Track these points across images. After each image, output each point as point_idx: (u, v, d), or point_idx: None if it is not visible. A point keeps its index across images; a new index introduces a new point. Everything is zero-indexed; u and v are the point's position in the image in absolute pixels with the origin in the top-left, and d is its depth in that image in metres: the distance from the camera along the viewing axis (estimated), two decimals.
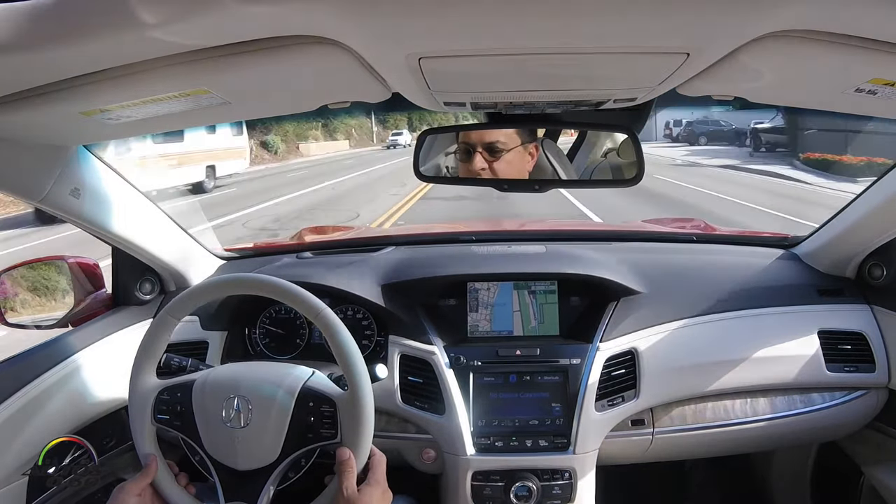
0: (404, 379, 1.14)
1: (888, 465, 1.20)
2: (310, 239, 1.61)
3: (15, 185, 0.82)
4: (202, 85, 0.60)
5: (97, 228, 1.00)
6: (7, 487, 0.90)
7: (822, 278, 1.26)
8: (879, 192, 1.08)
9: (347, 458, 0.78)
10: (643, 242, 1.41)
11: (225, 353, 1.20)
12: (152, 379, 0.84)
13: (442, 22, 0.46)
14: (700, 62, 0.57)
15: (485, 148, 1.02)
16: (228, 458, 0.80)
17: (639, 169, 0.94)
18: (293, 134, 25.00)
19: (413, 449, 1.14)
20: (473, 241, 1.41)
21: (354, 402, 0.78)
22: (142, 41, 0.48)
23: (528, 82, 0.66)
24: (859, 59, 0.52)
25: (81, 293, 1.20)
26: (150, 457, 0.81)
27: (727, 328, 1.17)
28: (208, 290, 0.88)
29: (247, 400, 0.80)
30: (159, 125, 0.77)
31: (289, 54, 0.54)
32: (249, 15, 0.46)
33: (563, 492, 1.07)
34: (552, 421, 1.11)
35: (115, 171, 1.01)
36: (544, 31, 0.48)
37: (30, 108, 0.61)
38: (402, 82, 0.65)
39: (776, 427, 1.15)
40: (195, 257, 1.28)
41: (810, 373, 1.14)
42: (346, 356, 0.79)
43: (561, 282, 1.23)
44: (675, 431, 1.15)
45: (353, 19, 0.46)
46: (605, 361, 1.12)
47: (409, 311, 1.20)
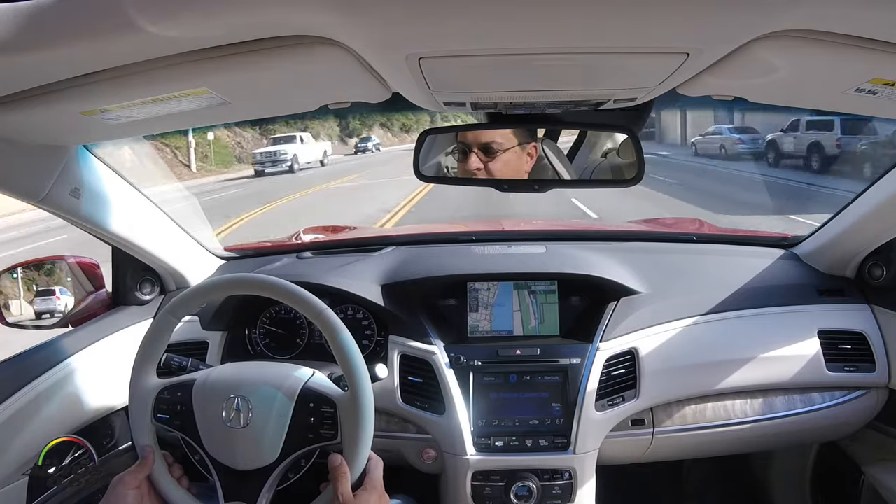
0: (404, 379, 1.14)
1: (888, 465, 1.20)
2: (310, 239, 1.61)
3: (15, 185, 0.82)
4: (202, 85, 0.60)
5: (97, 228, 1.00)
6: (7, 487, 0.90)
7: (823, 278, 1.26)
8: (879, 192, 1.08)
9: (339, 464, 0.77)
10: (643, 242, 1.41)
11: (225, 353, 1.20)
12: (152, 379, 0.84)
13: (442, 22, 0.46)
14: (700, 62, 0.57)
15: (480, 148, 1.02)
16: (228, 459, 0.80)
17: (639, 169, 0.94)
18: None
19: (413, 449, 1.14)
20: (473, 241, 1.41)
21: (355, 403, 0.78)
22: (142, 41, 0.48)
23: (528, 82, 0.66)
24: (859, 59, 0.52)
25: (81, 293, 1.20)
26: (147, 448, 0.81)
27: (727, 328, 1.17)
28: (209, 291, 0.88)
29: (247, 400, 0.80)
30: (159, 125, 0.78)
31: (289, 54, 0.54)
32: (249, 15, 0.46)
33: (563, 492, 1.07)
34: (552, 421, 1.11)
35: (115, 171, 1.01)
36: (544, 32, 0.48)
37: (30, 108, 0.61)
38: (402, 82, 0.65)
39: (776, 427, 1.15)
40: (195, 257, 1.28)
41: (810, 373, 1.14)
42: (347, 357, 0.79)
43: (561, 282, 1.23)
44: (675, 431, 1.15)
45: (353, 19, 0.46)
46: (606, 361, 1.12)
47: (410, 311, 1.20)
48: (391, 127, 23.68)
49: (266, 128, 16.61)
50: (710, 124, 13.69)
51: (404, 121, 22.97)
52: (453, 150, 1.06)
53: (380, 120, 22.38)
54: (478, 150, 1.02)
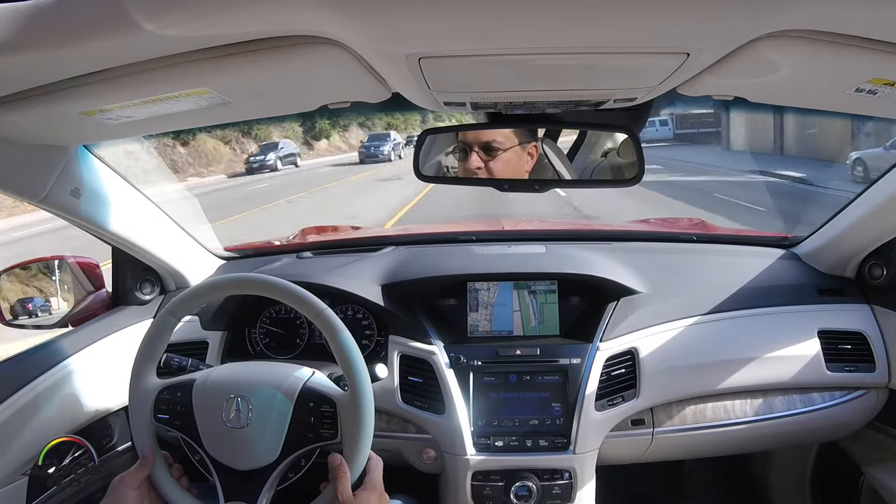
0: (404, 379, 1.14)
1: (888, 465, 1.20)
2: (310, 239, 1.61)
3: (15, 185, 0.82)
4: (202, 85, 0.60)
5: (97, 228, 1.00)
6: (7, 487, 0.90)
7: (823, 278, 1.26)
8: (879, 191, 1.08)
9: (339, 464, 0.77)
10: (643, 242, 1.41)
11: (225, 353, 1.20)
12: (152, 378, 0.84)
13: (442, 22, 0.46)
14: (700, 62, 0.56)
15: (481, 147, 1.02)
16: (228, 458, 0.80)
17: (639, 169, 0.94)
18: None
19: (413, 449, 1.14)
20: (473, 240, 1.41)
21: (355, 403, 0.78)
22: (142, 41, 0.48)
23: (528, 82, 0.66)
24: (859, 59, 0.52)
25: (81, 293, 1.20)
26: (147, 448, 0.81)
27: (727, 328, 1.17)
28: (209, 290, 0.88)
29: (247, 400, 0.80)
30: (159, 125, 0.78)
31: (289, 54, 0.54)
32: (249, 15, 0.46)
33: (562, 492, 1.07)
34: (552, 421, 1.11)
35: (115, 171, 1.01)
36: (544, 32, 0.48)
37: (30, 108, 0.61)
38: (402, 82, 0.65)
39: (776, 427, 1.15)
40: (195, 257, 1.28)
41: (810, 372, 1.14)
42: (347, 357, 0.79)
43: (561, 282, 1.23)
44: (675, 431, 1.15)
45: (353, 19, 0.46)
46: (605, 361, 1.12)
47: (409, 311, 1.20)
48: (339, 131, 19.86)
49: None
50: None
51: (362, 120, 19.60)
52: (454, 150, 1.06)
53: (358, 120, 19.67)
54: (478, 150, 1.02)
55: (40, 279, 1.21)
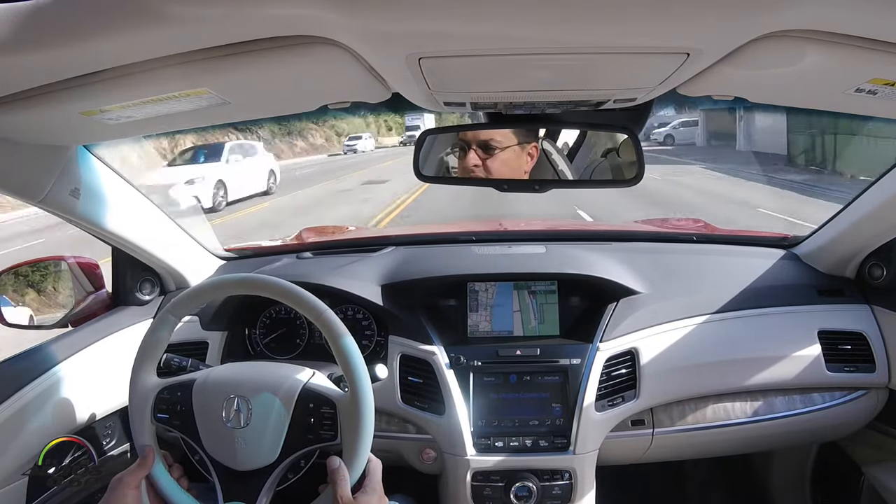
0: (404, 379, 1.14)
1: (888, 465, 1.20)
2: (310, 239, 1.61)
3: (15, 185, 0.82)
4: (202, 85, 0.60)
5: (97, 228, 1.00)
6: (7, 487, 0.90)
7: (822, 278, 1.26)
8: (879, 192, 1.08)
9: (338, 467, 0.77)
10: (643, 242, 1.41)
11: (225, 353, 1.20)
12: (152, 378, 0.84)
13: (441, 22, 0.46)
14: (700, 62, 0.56)
15: (479, 145, 1.02)
16: (228, 459, 0.80)
17: (639, 169, 0.94)
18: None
19: (413, 449, 1.14)
20: (473, 241, 1.41)
21: (355, 404, 0.78)
22: (142, 41, 0.48)
23: (528, 82, 0.66)
24: (859, 59, 0.52)
25: (81, 293, 1.20)
26: (147, 448, 0.81)
27: (727, 328, 1.17)
28: (209, 290, 0.88)
29: (247, 400, 0.80)
30: (159, 125, 0.77)
31: (289, 54, 0.54)
32: (249, 15, 0.46)
33: (562, 492, 1.07)
34: (552, 421, 1.11)
35: (115, 171, 1.01)
36: (544, 32, 0.48)
37: (30, 108, 0.61)
38: (402, 82, 0.64)
39: (776, 427, 1.15)
40: (195, 257, 1.28)
41: (810, 373, 1.14)
42: (347, 358, 0.78)
43: (561, 282, 1.23)
44: (675, 431, 1.15)
45: (353, 19, 0.46)
46: (606, 361, 1.12)
47: (409, 312, 1.20)
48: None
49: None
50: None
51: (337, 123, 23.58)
52: (453, 149, 1.06)
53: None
54: (476, 147, 1.02)
55: (40, 279, 1.21)
